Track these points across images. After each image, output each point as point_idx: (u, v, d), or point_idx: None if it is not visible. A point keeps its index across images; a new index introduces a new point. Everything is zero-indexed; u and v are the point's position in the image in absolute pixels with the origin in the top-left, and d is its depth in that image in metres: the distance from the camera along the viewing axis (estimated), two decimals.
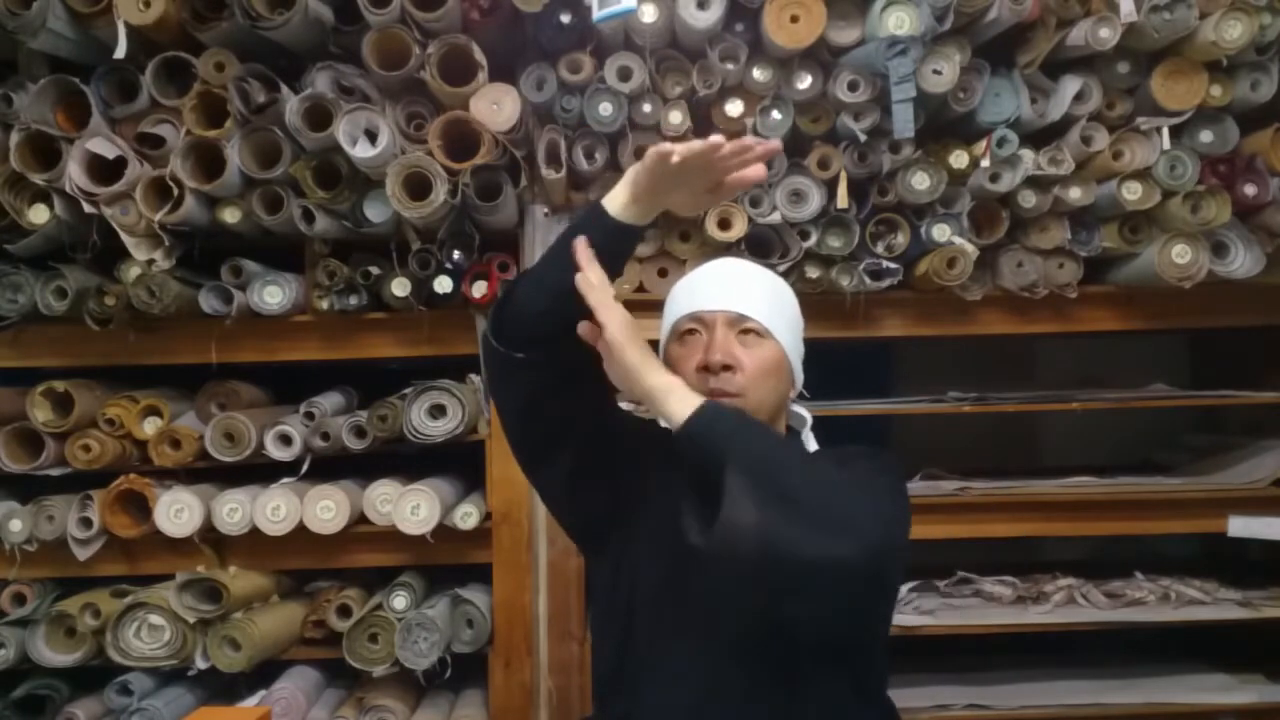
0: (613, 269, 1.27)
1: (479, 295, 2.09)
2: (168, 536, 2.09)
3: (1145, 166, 2.06)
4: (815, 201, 2.06)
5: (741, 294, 1.32)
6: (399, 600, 2.11)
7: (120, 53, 1.92)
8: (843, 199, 2.06)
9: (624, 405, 2.15)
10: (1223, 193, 2.05)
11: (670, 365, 1.35)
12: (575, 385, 1.27)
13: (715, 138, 1.17)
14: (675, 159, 1.16)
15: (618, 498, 1.33)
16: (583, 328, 1.20)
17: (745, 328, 1.30)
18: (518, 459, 1.37)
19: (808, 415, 1.43)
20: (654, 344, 1.43)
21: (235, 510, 2.09)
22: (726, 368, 1.27)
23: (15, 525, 2.10)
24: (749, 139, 1.20)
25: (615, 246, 1.25)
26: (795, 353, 1.36)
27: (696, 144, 1.17)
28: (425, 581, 2.25)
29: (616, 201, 1.23)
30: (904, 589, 2.24)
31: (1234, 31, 1.96)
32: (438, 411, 2.09)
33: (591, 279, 1.19)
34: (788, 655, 1.23)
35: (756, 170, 1.21)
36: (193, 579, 2.07)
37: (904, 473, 1.45)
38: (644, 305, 2.10)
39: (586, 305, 1.20)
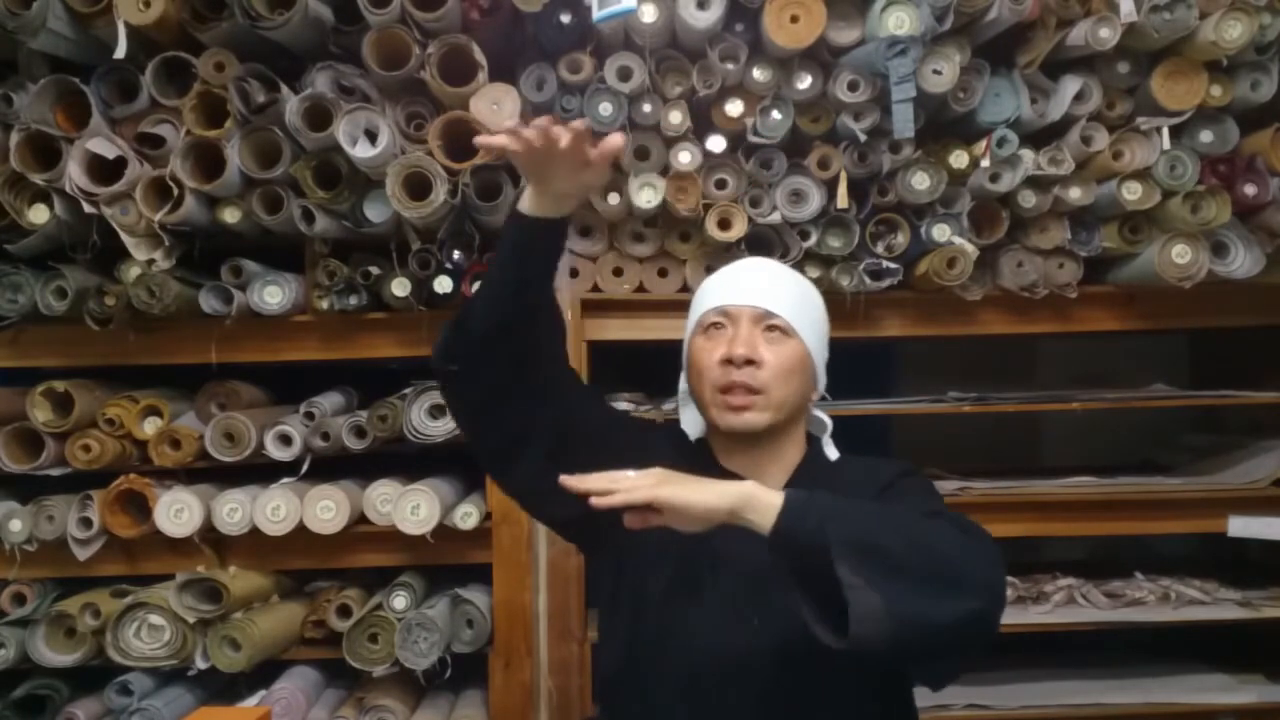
0: (540, 267, 1.28)
1: None
2: (168, 536, 2.08)
3: (1145, 166, 2.06)
4: (815, 201, 2.06)
5: (769, 291, 1.33)
6: (399, 600, 2.11)
7: (120, 53, 1.92)
8: (843, 199, 2.06)
9: (623, 406, 2.14)
10: (1223, 193, 2.05)
11: (694, 358, 1.34)
12: (526, 387, 1.28)
13: (539, 120, 1.16)
14: (494, 141, 1.18)
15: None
16: (631, 520, 1.12)
17: (771, 324, 1.31)
18: (487, 470, 1.38)
19: (828, 421, 1.43)
20: (660, 342, 1.44)
21: (235, 510, 2.09)
22: (750, 362, 1.27)
23: (15, 525, 2.10)
24: (577, 123, 1.18)
25: (532, 241, 1.25)
26: (819, 355, 1.36)
27: (498, 137, 1.18)
28: (425, 581, 2.25)
29: (526, 200, 1.25)
30: None
31: (1234, 31, 1.96)
32: (438, 411, 2.09)
33: (606, 488, 1.10)
34: (806, 661, 1.23)
35: (614, 140, 1.19)
36: (193, 579, 2.07)
37: None
38: (644, 305, 2.11)
39: (615, 494, 1.10)
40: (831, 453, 1.41)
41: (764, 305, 1.31)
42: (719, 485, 1.11)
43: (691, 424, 1.44)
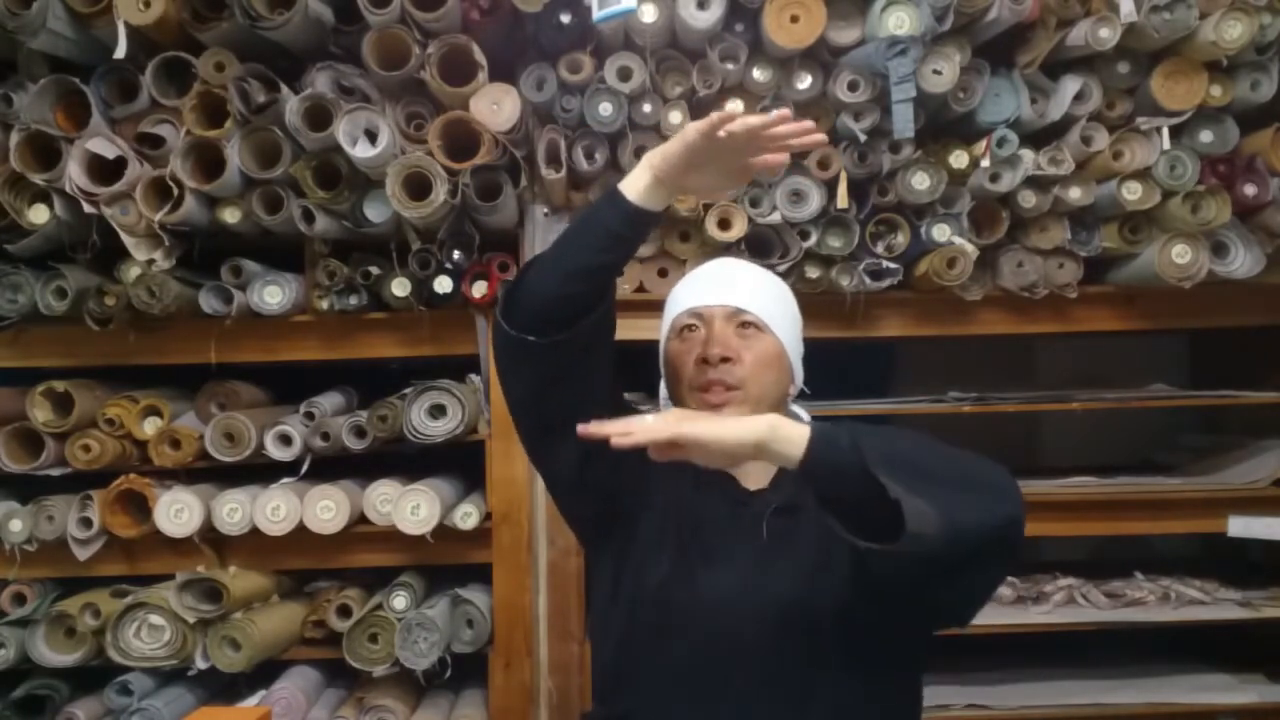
0: (628, 254, 1.27)
1: (479, 295, 2.09)
2: (168, 536, 2.08)
3: (1145, 166, 2.06)
4: (815, 201, 2.06)
5: (739, 289, 1.34)
6: (399, 600, 2.11)
7: (120, 53, 1.92)
8: (843, 199, 2.06)
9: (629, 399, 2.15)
10: (1223, 193, 2.05)
11: (670, 363, 1.35)
12: (585, 368, 1.26)
13: (783, 110, 1.18)
14: (736, 126, 1.15)
15: (622, 489, 1.33)
16: (656, 453, 1.11)
17: (743, 321, 1.32)
18: (526, 445, 1.36)
19: (806, 416, 1.43)
20: (655, 344, 1.44)
21: (235, 510, 2.09)
22: (725, 360, 1.28)
23: (15, 525, 2.09)
24: (808, 123, 1.20)
25: (633, 232, 1.24)
26: (794, 349, 1.36)
27: (755, 117, 1.16)
28: (425, 581, 2.25)
29: (637, 185, 1.21)
30: None
31: (1234, 31, 1.96)
32: (438, 411, 2.09)
33: (625, 429, 1.10)
34: (802, 651, 1.23)
35: (784, 156, 1.21)
36: (193, 579, 2.07)
37: None
38: (644, 305, 2.10)
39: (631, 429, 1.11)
40: None
41: (735, 303, 1.32)
42: (743, 420, 1.12)
43: None
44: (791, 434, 1.09)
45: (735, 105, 2.05)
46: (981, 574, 1.14)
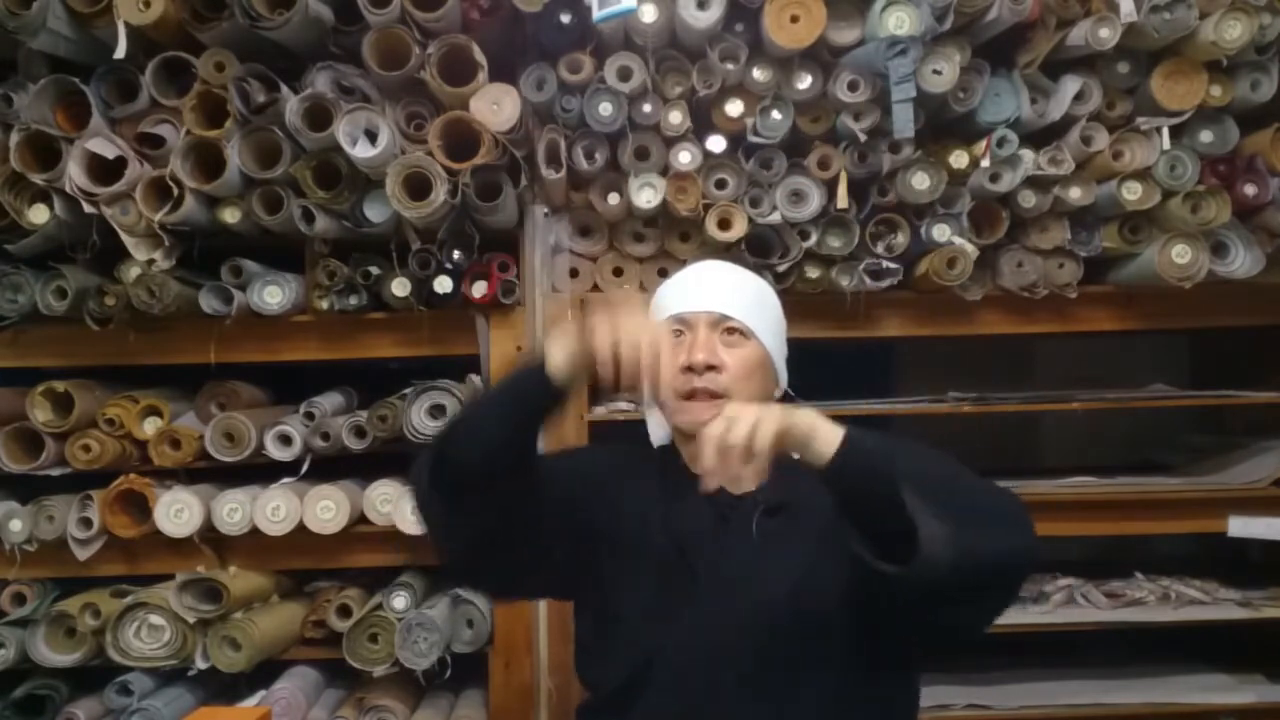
0: (552, 416, 1.24)
1: (479, 295, 2.09)
2: (168, 536, 2.08)
3: (1145, 166, 2.06)
4: (815, 201, 2.06)
5: (723, 295, 1.34)
6: (399, 600, 2.11)
7: (120, 53, 1.92)
8: (843, 199, 2.05)
9: (623, 406, 2.14)
10: (1223, 193, 2.05)
11: None
12: (519, 511, 1.26)
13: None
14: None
15: (582, 541, 1.35)
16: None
17: (728, 328, 1.32)
18: (483, 590, 1.39)
19: None
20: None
21: (235, 510, 2.09)
22: (710, 368, 1.28)
23: (15, 525, 2.09)
24: None
25: (557, 403, 1.22)
26: (778, 353, 1.37)
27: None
28: (425, 581, 2.25)
29: (558, 366, 1.18)
30: None
31: (1234, 31, 1.96)
32: (438, 411, 2.09)
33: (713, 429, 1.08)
34: (794, 651, 1.23)
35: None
36: (193, 579, 2.07)
37: None
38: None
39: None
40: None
41: (720, 309, 1.32)
42: (790, 411, 1.10)
43: (657, 427, 1.44)
44: (828, 435, 1.09)
45: None
46: (987, 602, 1.15)
